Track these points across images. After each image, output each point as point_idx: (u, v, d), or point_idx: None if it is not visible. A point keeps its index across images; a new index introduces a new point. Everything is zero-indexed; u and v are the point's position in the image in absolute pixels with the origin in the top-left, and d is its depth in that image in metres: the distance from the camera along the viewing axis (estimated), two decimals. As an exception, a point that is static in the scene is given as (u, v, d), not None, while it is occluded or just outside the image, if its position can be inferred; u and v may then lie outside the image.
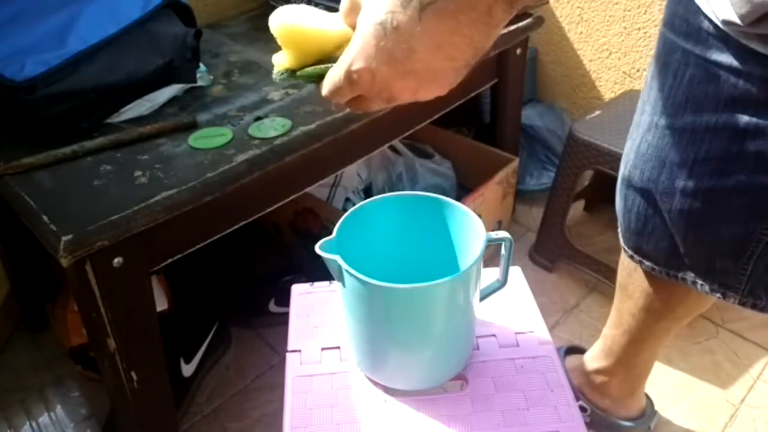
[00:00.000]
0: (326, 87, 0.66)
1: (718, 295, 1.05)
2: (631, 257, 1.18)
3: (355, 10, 0.64)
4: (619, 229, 1.19)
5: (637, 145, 1.07)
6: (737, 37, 0.83)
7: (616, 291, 1.35)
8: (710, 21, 0.87)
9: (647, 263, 1.15)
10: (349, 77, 0.63)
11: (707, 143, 0.93)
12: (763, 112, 0.86)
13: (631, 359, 1.40)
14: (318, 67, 0.69)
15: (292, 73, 0.71)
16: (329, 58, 0.69)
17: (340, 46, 0.68)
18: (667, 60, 0.97)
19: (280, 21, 0.69)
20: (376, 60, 0.60)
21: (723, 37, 0.86)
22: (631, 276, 1.27)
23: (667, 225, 1.05)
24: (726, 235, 0.98)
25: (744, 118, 0.87)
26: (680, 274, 1.10)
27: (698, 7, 0.88)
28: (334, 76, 0.64)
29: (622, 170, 1.14)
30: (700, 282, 1.07)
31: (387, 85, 0.62)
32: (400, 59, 0.60)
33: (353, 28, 0.65)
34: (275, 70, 0.72)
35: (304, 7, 0.71)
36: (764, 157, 0.88)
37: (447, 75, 0.62)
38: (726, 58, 0.86)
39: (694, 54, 0.91)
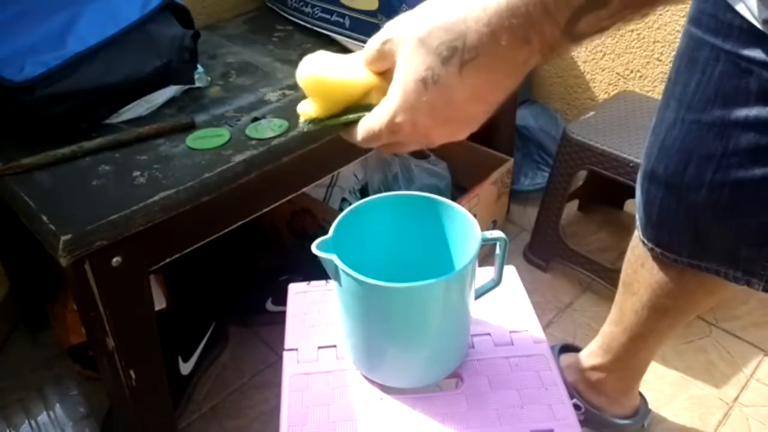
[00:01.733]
0: (362, 134, 0.70)
1: (743, 282, 1.07)
2: (651, 250, 1.19)
3: (383, 59, 0.67)
4: (639, 224, 1.21)
5: (662, 140, 1.09)
6: None
7: (619, 288, 1.36)
8: (743, 18, 0.88)
9: (670, 255, 1.16)
10: (391, 128, 0.66)
11: (736, 137, 0.95)
12: None
13: (630, 357, 1.41)
14: (348, 117, 0.72)
15: (318, 122, 0.73)
16: (355, 105, 0.71)
17: (366, 94, 0.71)
18: (694, 56, 0.99)
19: (306, 72, 0.71)
20: (418, 112, 0.64)
21: (758, 33, 0.87)
22: (636, 272, 1.28)
23: (690, 217, 1.08)
24: (753, 225, 1.00)
25: None
26: (704, 264, 1.12)
27: (728, 4, 0.90)
28: (373, 126, 0.68)
29: (645, 165, 1.15)
30: (724, 270, 1.09)
31: (426, 132, 0.66)
32: (441, 110, 0.63)
33: (377, 74, 0.70)
34: (301, 120, 0.74)
35: (324, 54, 0.73)
36: None
37: (480, 116, 0.65)
38: (760, 54, 0.88)
39: (725, 50, 0.93)
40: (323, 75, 0.71)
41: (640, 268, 1.26)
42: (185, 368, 1.65)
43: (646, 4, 0.53)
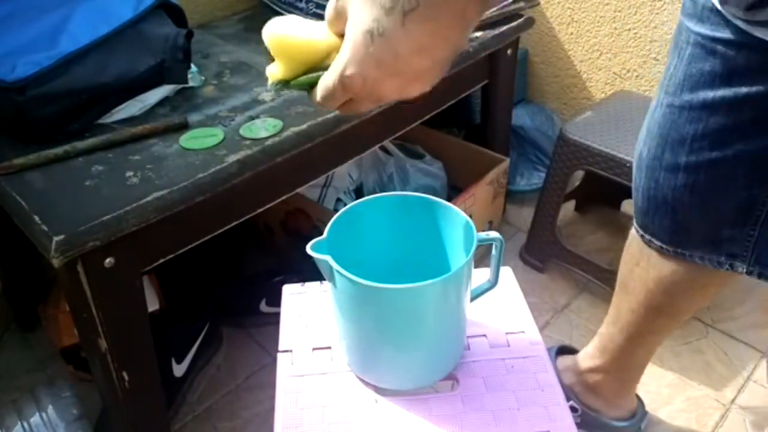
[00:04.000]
0: (320, 93, 0.70)
1: (727, 266, 1.09)
2: (642, 236, 1.21)
3: (339, 18, 0.68)
4: (634, 211, 1.23)
5: (647, 123, 1.13)
6: (734, 20, 0.89)
7: (616, 287, 1.35)
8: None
9: (656, 242, 1.18)
10: (342, 82, 0.66)
11: (705, 119, 0.98)
12: (760, 79, 0.91)
13: (627, 358, 1.40)
14: (310, 75, 0.72)
15: (285, 83, 0.74)
16: (319, 66, 0.72)
17: (329, 55, 0.71)
18: (677, 41, 1.02)
19: (271, 32, 0.73)
20: (366, 65, 0.64)
21: (724, 14, 0.90)
22: (632, 271, 1.28)
23: (669, 202, 1.10)
24: (730, 204, 1.03)
25: (742, 90, 0.92)
26: (687, 252, 1.13)
27: None
28: (327, 82, 0.68)
29: (635, 150, 1.18)
30: (708, 256, 1.11)
31: (376, 86, 0.66)
32: (388, 62, 0.63)
33: (338, 35, 0.70)
34: (269, 81, 0.75)
35: (293, 17, 0.75)
36: (759, 121, 0.94)
37: (430, 73, 0.66)
38: (725, 34, 0.91)
39: (695, 32, 0.96)
40: (286, 35, 0.72)
41: (635, 267, 1.26)
42: (179, 370, 1.64)
43: None
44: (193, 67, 1.52)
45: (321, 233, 0.87)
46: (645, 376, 1.47)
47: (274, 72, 0.75)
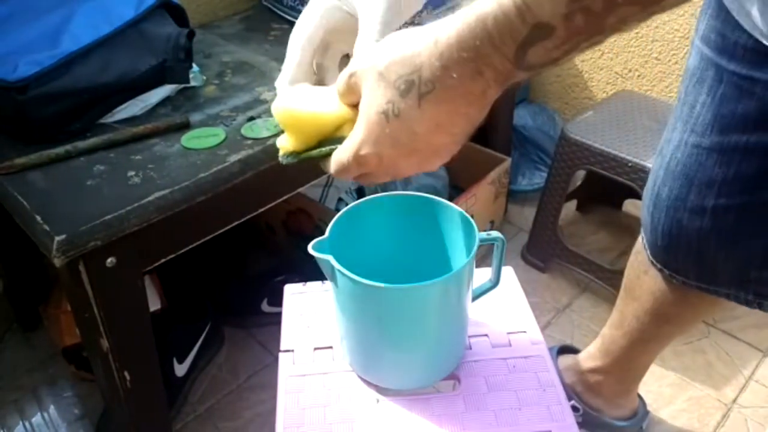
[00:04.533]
0: (334, 167, 0.71)
1: (755, 305, 1.06)
2: (661, 271, 1.18)
3: (351, 92, 0.68)
4: (646, 243, 1.19)
5: (667, 162, 1.07)
6: None
7: (621, 292, 1.35)
8: (750, 36, 0.87)
9: (678, 277, 1.15)
10: (357, 160, 0.67)
11: (737, 163, 0.94)
12: None
13: (630, 361, 1.40)
14: (322, 150, 0.73)
15: (297, 155, 0.75)
16: (330, 138, 0.73)
17: (339, 127, 0.72)
18: (702, 76, 0.97)
19: (281, 107, 0.73)
20: (381, 144, 0.64)
21: (764, 51, 0.86)
22: (639, 278, 1.27)
23: (694, 243, 1.06)
24: (759, 248, 0.99)
25: None
26: (713, 287, 1.10)
27: (737, 23, 0.88)
28: (341, 158, 0.69)
29: (651, 186, 1.14)
30: (734, 293, 1.08)
31: (393, 163, 0.67)
32: (404, 142, 0.64)
33: (349, 106, 0.70)
34: (281, 153, 0.76)
35: (301, 87, 0.75)
36: None
37: (448, 147, 0.67)
38: (764, 74, 0.87)
39: (728, 71, 0.91)
40: (296, 109, 0.73)
41: (642, 275, 1.25)
42: (180, 369, 1.64)
43: (595, 33, 0.52)
44: (195, 67, 1.52)
45: (322, 233, 0.87)
46: (646, 376, 1.47)
47: (285, 144, 0.75)
